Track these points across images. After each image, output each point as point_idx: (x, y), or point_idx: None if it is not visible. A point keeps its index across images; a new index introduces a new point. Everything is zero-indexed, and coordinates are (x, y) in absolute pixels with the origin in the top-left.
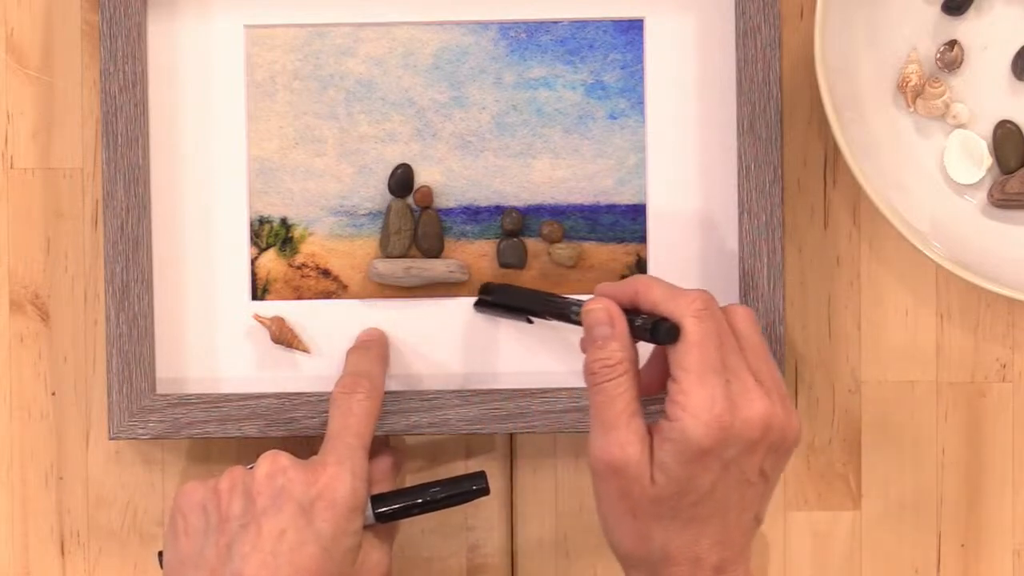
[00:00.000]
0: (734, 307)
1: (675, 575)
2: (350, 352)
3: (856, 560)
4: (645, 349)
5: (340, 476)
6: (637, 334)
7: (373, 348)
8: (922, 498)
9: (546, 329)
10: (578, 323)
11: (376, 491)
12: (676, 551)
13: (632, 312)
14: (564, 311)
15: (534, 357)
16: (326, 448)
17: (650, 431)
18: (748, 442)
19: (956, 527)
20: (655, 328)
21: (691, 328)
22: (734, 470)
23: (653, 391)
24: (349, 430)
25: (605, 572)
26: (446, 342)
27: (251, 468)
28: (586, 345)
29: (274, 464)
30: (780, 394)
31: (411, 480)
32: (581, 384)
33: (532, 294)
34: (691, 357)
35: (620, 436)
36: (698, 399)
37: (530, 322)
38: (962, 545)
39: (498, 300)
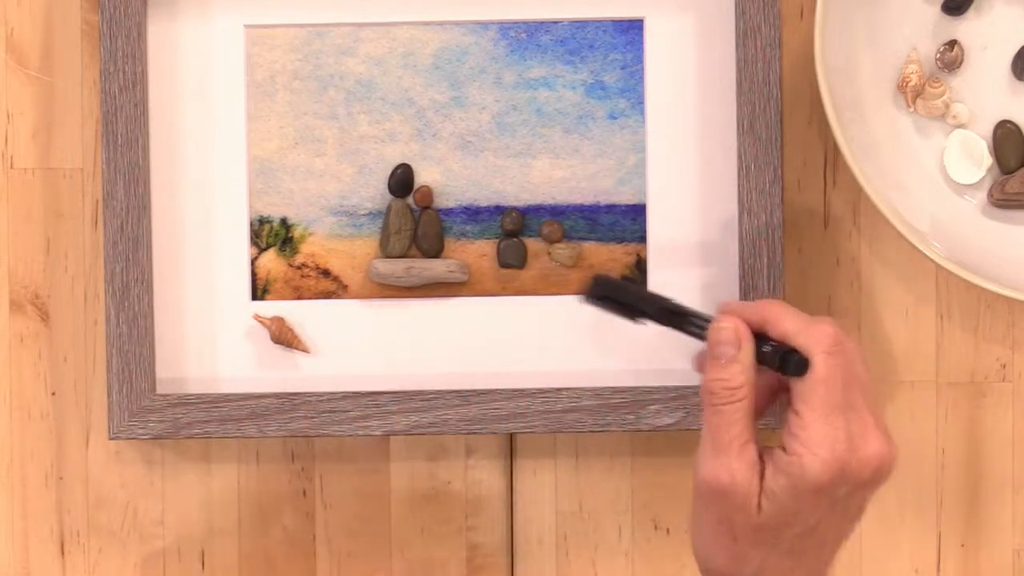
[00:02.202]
0: (852, 343)
1: None
2: None
3: (856, 560)
4: None
5: None
6: (763, 360)
7: None
8: (922, 498)
9: (546, 329)
10: (699, 337)
11: None
12: (776, 571)
13: (759, 336)
14: (685, 321)
15: (535, 357)
16: None
17: (762, 457)
18: (861, 482)
19: (956, 527)
20: (784, 359)
21: (820, 365)
22: (840, 507)
23: (756, 417)
24: None
25: (604, 572)
26: (446, 342)
27: None
28: (706, 362)
29: None
30: (885, 427)
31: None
32: (581, 384)
33: (649, 295)
34: (817, 394)
35: (731, 462)
36: (820, 437)
37: (639, 322)
38: (962, 545)
39: (610, 294)
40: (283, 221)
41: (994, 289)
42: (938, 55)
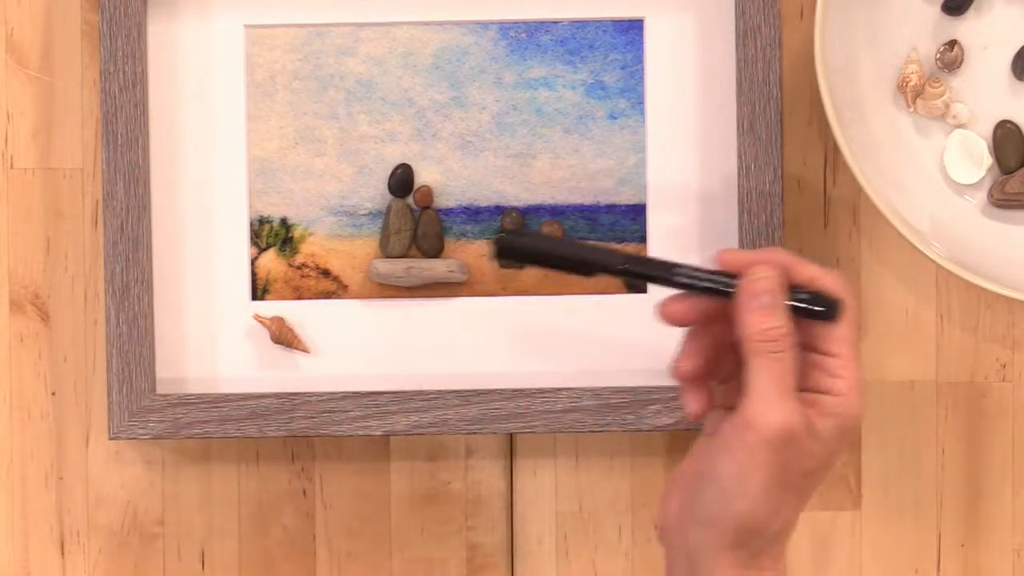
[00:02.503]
0: None
1: (779, 551)
2: None
3: (856, 560)
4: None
5: None
6: (793, 304)
7: None
8: (922, 498)
9: (546, 329)
10: (729, 296)
11: None
12: (789, 526)
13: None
14: (665, 270)
15: (535, 357)
16: None
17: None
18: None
19: (956, 527)
20: (817, 301)
21: (851, 304)
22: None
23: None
24: None
25: (604, 572)
26: (446, 342)
27: None
28: (750, 312)
29: None
30: None
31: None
32: (581, 384)
33: (591, 247)
34: (853, 333)
35: (795, 407)
36: (858, 377)
37: (588, 275)
38: (962, 545)
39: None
40: (283, 221)
41: (994, 289)
42: (938, 55)
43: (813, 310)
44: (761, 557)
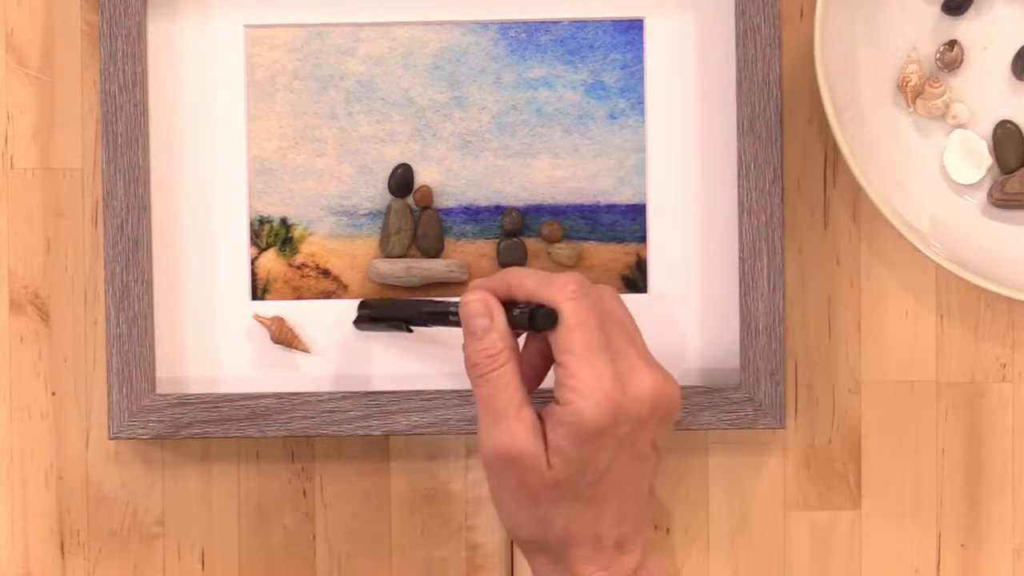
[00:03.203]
0: (598, 287)
1: (578, 556)
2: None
3: (856, 560)
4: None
5: None
6: (516, 323)
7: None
8: (922, 498)
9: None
10: (458, 324)
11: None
12: (577, 532)
13: (509, 304)
14: (442, 314)
15: None
16: None
17: (540, 417)
18: (639, 418)
19: (956, 527)
20: (533, 315)
21: (569, 311)
22: (628, 446)
23: (532, 388)
24: None
25: None
26: (446, 342)
27: None
28: (464, 340)
29: None
30: (657, 364)
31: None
32: None
33: (408, 303)
34: (574, 339)
35: (511, 426)
36: (587, 379)
37: (410, 331)
38: (962, 545)
39: (376, 314)
40: (283, 221)
41: (994, 289)
42: (938, 55)
43: (529, 324)
44: (572, 562)
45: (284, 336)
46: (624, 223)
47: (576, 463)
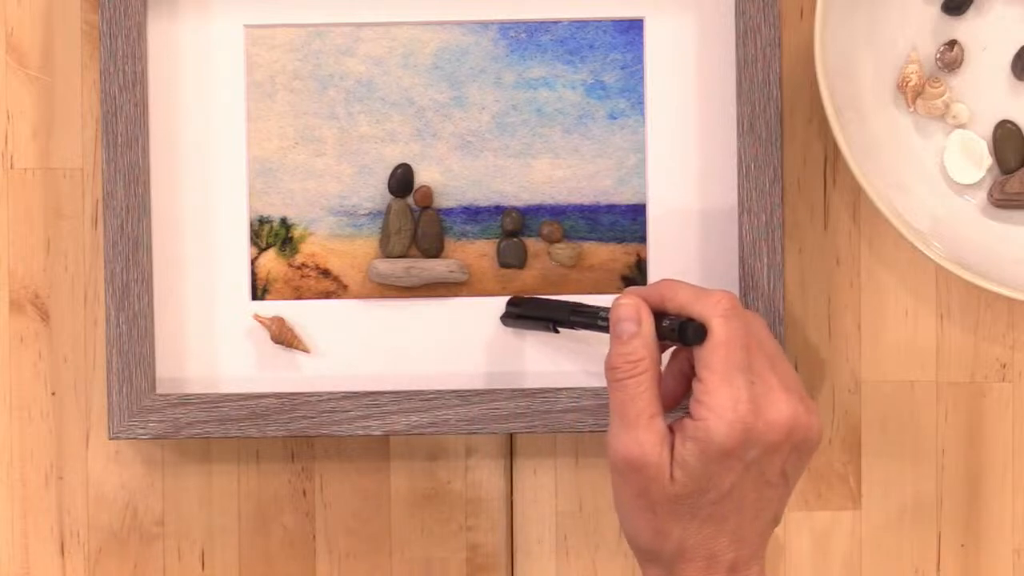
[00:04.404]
0: (749, 313)
1: (690, 571)
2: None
3: (856, 560)
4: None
5: None
6: (664, 335)
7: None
8: (922, 498)
9: (546, 332)
10: (605, 330)
11: None
12: (692, 548)
13: (659, 314)
14: (592, 319)
15: (534, 357)
16: None
17: (672, 429)
18: (770, 444)
19: (956, 527)
20: (682, 328)
21: (718, 328)
22: (755, 471)
23: (670, 404)
24: None
25: (604, 572)
26: (446, 342)
27: None
28: (611, 341)
29: None
30: (802, 395)
31: None
32: (581, 384)
33: (558, 304)
34: (717, 357)
35: (640, 434)
36: (723, 399)
37: (556, 332)
38: (962, 545)
39: (525, 312)
40: (283, 221)
41: (994, 289)
42: (938, 55)
43: (678, 336)
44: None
45: (284, 336)
46: (624, 223)
47: (700, 479)
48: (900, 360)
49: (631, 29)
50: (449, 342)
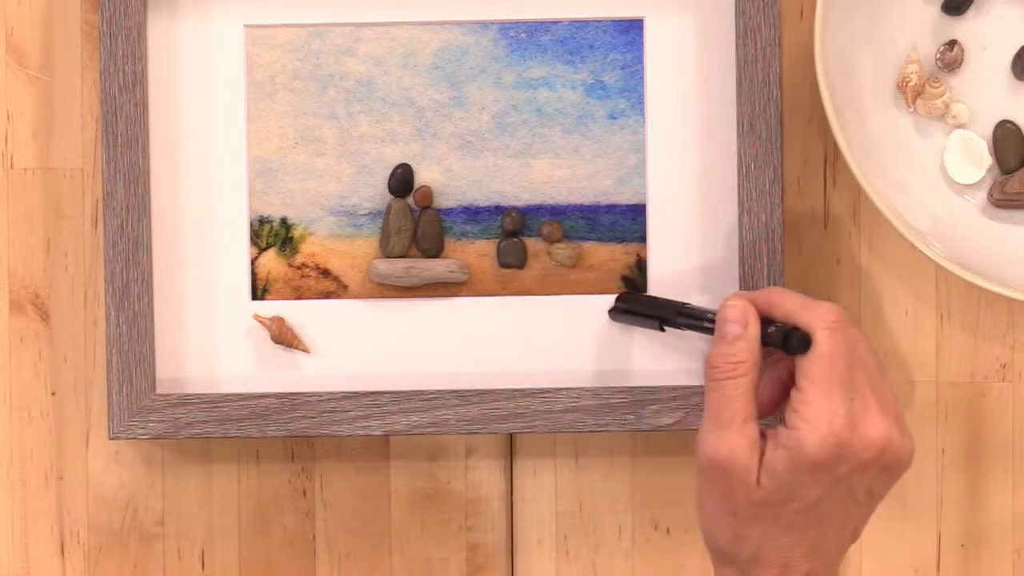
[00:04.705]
0: (854, 330)
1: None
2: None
3: (856, 560)
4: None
5: None
6: (768, 340)
7: None
8: (922, 498)
9: (546, 329)
10: (711, 331)
11: None
12: (768, 554)
13: (766, 320)
14: (699, 320)
15: (535, 357)
16: None
17: (764, 436)
18: (862, 462)
19: (956, 527)
20: (787, 336)
21: (822, 340)
22: (842, 486)
23: (765, 412)
24: None
25: (604, 572)
26: (446, 342)
27: None
28: (714, 341)
29: None
30: (897, 416)
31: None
32: (581, 384)
33: (667, 303)
34: (818, 368)
35: (731, 437)
36: (819, 411)
37: (662, 330)
38: (962, 545)
39: (634, 308)
40: (283, 221)
41: (994, 289)
42: (938, 55)
43: (782, 344)
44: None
45: (284, 336)
46: (624, 223)
47: (785, 488)
48: (900, 360)
49: (631, 29)
50: (449, 342)
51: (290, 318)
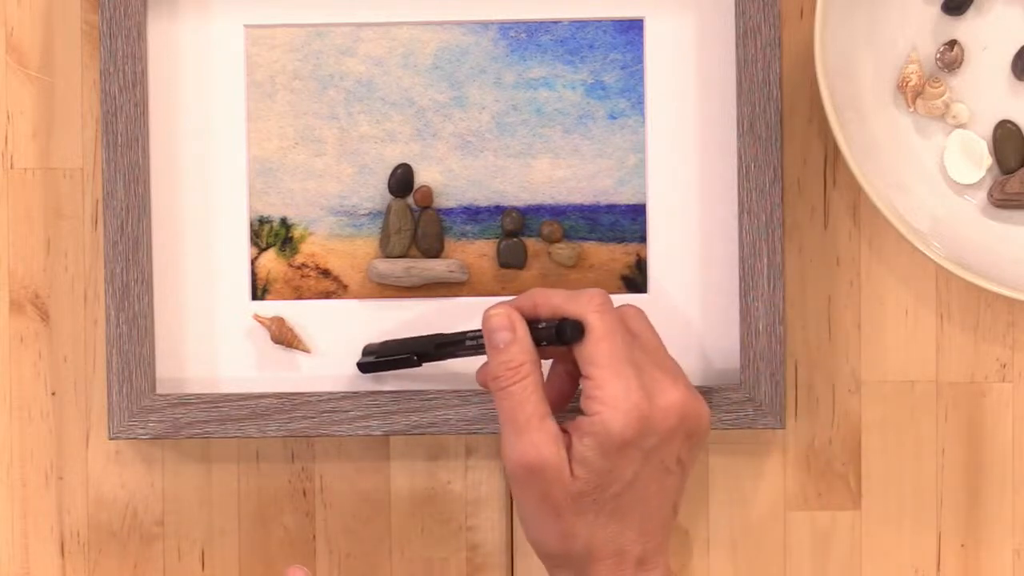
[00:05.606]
0: (624, 307)
1: (600, 571)
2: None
3: (856, 560)
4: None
5: None
6: (542, 336)
7: None
8: (922, 498)
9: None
10: (476, 351)
11: None
12: (600, 546)
13: (533, 321)
14: (458, 343)
15: None
16: None
17: (565, 430)
18: (666, 431)
19: (956, 527)
20: (560, 328)
21: (596, 323)
22: (654, 459)
23: (558, 407)
24: None
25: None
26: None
27: None
28: (488, 353)
29: None
30: (687, 383)
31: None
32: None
33: (416, 339)
34: (601, 351)
35: (533, 437)
36: (615, 391)
37: (418, 364)
38: (962, 545)
39: (380, 356)
40: (283, 221)
41: (994, 289)
42: (938, 55)
43: (557, 337)
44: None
45: (284, 336)
46: (624, 223)
47: (601, 473)
48: (900, 360)
49: (631, 29)
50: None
51: (290, 318)
